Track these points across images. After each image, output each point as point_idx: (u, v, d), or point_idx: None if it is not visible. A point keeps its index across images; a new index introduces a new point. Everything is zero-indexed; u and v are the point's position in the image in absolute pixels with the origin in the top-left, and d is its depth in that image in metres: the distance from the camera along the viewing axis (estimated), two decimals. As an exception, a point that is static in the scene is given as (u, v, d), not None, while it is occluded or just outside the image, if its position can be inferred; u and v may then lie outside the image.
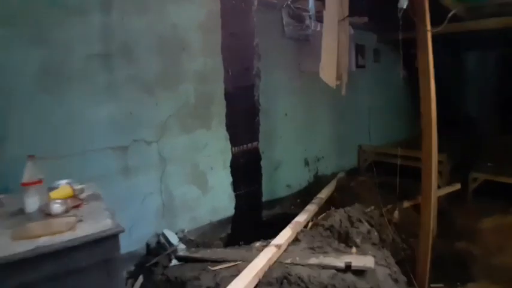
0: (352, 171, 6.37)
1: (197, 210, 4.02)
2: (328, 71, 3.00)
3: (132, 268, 3.36)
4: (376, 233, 3.10)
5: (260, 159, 4.72)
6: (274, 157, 4.99)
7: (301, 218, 3.42)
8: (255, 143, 4.59)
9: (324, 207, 4.19)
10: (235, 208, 4.41)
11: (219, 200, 4.25)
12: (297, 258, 2.69)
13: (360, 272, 2.52)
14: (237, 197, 4.42)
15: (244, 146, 4.48)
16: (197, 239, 3.98)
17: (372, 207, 3.89)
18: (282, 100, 5.01)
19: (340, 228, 3.06)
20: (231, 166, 4.35)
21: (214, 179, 4.17)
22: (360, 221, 3.15)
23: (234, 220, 4.41)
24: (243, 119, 4.50)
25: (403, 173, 5.90)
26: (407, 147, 6.52)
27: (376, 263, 2.64)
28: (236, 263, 2.73)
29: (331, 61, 3.02)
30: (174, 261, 3.03)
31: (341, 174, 5.84)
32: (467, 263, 3.82)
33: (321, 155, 5.81)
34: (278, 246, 2.78)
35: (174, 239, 3.38)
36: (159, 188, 3.64)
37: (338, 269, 2.55)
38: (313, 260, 2.64)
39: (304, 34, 4.92)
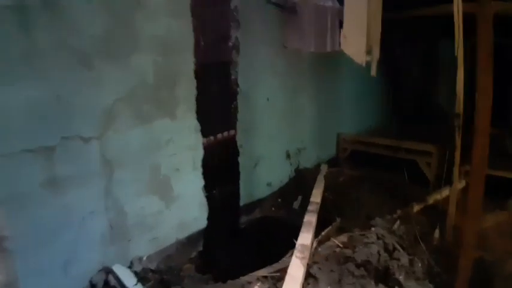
0: (332, 162, 5.62)
1: (159, 228, 2.99)
2: (354, 43, 2.09)
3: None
4: (419, 264, 2.31)
5: (238, 154, 3.75)
6: (254, 151, 4.04)
7: (306, 239, 2.54)
8: (231, 132, 3.60)
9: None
10: (208, 218, 3.44)
11: (188, 211, 3.25)
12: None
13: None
14: (210, 204, 3.45)
15: (219, 135, 3.47)
16: (161, 265, 2.97)
17: (388, 216, 3.11)
18: (263, 82, 4.02)
19: (378, 264, 2.22)
20: (203, 165, 3.33)
21: (182, 185, 3.14)
22: (395, 248, 2.33)
23: (206, 233, 3.45)
24: (217, 104, 3.47)
25: (383, 164, 5.35)
26: (382, 135, 5.98)
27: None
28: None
29: (359, 29, 2.09)
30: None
31: (324, 167, 5.06)
32: (487, 273, 3.21)
33: (303, 146, 4.96)
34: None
35: (128, 278, 2.33)
36: (104, 204, 2.55)
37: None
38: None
39: (292, 2, 3.92)
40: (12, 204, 2.00)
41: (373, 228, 2.61)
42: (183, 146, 3.12)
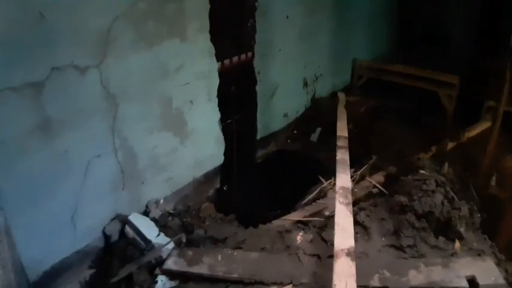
0: (347, 90, 5.18)
1: (174, 167, 2.66)
2: None
3: (87, 275, 2.05)
4: (478, 214, 2.05)
5: (255, 82, 3.28)
6: (271, 79, 3.56)
7: (346, 181, 2.22)
8: (249, 55, 3.09)
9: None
10: (225, 154, 3.10)
11: (204, 147, 2.89)
12: (385, 271, 1.57)
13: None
14: (226, 138, 3.08)
15: (235, 58, 2.97)
16: (178, 206, 2.70)
17: (422, 154, 2.79)
18: (278, 13, 3.37)
19: (440, 215, 1.94)
20: (218, 96, 2.88)
21: (196, 119, 2.73)
22: (454, 197, 2.04)
23: (223, 170, 3.14)
24: (233, 22, 2.90)
25: (400, 93, 4.94)
26: (398, 63, 5.43)
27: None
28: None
29: None
30: (161, 280, 1.75)
31: (342, 96, 4.63)
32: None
33: (320, 73, 4.46)
34: (346, 252, 1.60)
35: (149, 230, 2.06)
36: (111, 145, 2.16)
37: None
38: (415, 276, 1.54)
39: None
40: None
41: (422, 171, 2.29)
42: (196, 74, 2.64)
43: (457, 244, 1.90)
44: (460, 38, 6.75)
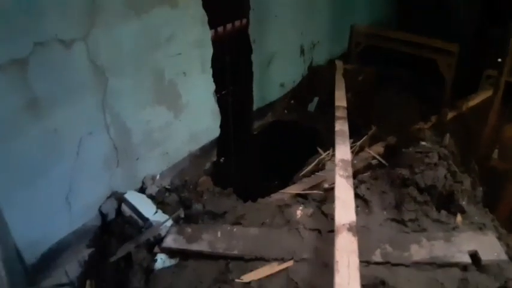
0: (344, 58, 5.02)
1: (169, 141, 2.59)
2: None
3: (86, 255, 2.04)
4: (480, 187, 2.02)
5: (251, 51, 3.15)
6: (268, 47, 3.42)
7: (346, 153, 2.17)
8: (243, 21, 2.95)
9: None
10: (221, 126, 3.03)
11: (199, 120, 2.82)
12: (387, 246, 1.56)
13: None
14: (222, 110, 2.99)
15: (229, 25, 2.83)
16: (175, 181, 2.66)
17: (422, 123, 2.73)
18: None
19: (443, 189, 1.92)
20: (213, 66, 2.76)
21: (190, 91, 2.63)
22: (456, 170, 2.00)
23: (219, 143, 3.08)
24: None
25: (398, 60, 4.80)
26: (397, 29, 5.25)
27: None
28: (283, 265, 1.53)
29: None
30: (160, 258, 1.74)
31: (339, 64, 4.50)
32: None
33: (317, 40, 4.30)
34: (347, 227, 1.58)
35: (146, 207, 2.02)
36: (103, 121, 2.07)
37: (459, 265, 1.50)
38: (417, 251, 1.54)
39: None
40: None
41: (423, 143, 2.25)
42: (188, 43, 2.51)
43: (459, 218, 1.90)
44: (464, 4, 6.47)
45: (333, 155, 2.57)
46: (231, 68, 2.99)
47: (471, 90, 3.85)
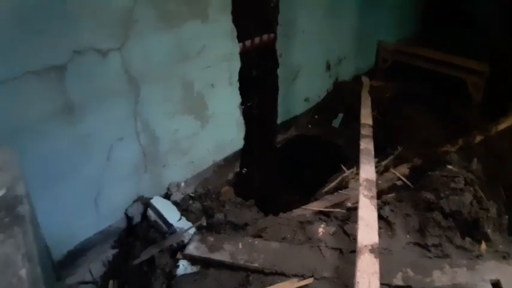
0: (371, 74, 4.99)
1: (195, 150, 2.65)
2: None
3: (110, 255, 2.10)
4: (506, 216, 1.96)
5: (277, 65, 3.19)
6: (294, 61, 3.46)
7: (371, 173, 2.16)
8: (271, 36, 3.00)
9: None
10: (245, 138, 3.06)
11: (224, 131, 2.87)
12: (409, 270, 1.53)
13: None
14: (247, 123, 3.03)
15: (257, 39, 2.88)
16: (198, 189, 2.71)
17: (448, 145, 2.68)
18: None
19: (468, 215, 1.88)
20: (240, 79, 2.82)
21: (217, 102, 2.69)
22: (482, 196, 1.96)
23: (243, 154, 3.11)
24: (255, 2, 2.79)
25: (426, 78, 4.71)
26: (425, 46, 5.17)
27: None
28: (302, 282, 1.53)
29: None
30: (183, 265, 1.77)
31: (365, 80, 4.49)
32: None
33: (343, 55, 4.31)
34: (370, 249, 1.57)
35: (171, 213, 2.06)
36: (133, 129, 2.15)
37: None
38: (439, 277, 1.50)
39: None
40: (23, 140, 1.60)
41: (449, 166, 2.20)
42: (217, 56, 2.57)
43: (483, 246, 1.84)
44: (498, 19, 6.29)
45: (357, 173, 2.56)
46: (257, 81, 3.03)
47: (502, 113, 3.73)
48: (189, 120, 2.53)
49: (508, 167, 2.57)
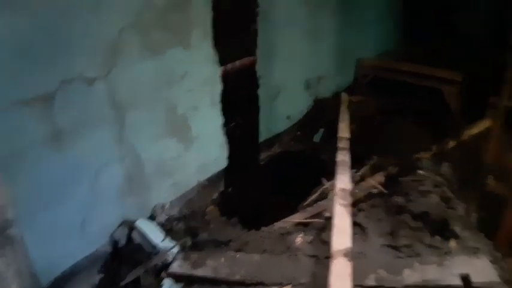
0: (351, 90, 5.20)
1: (179, 172, 2.75)
2: None
3: (97, 280, 2.15)
4: (474, 213, 2.10)
5: (257, 86, 3.35)
6: (274, 82, 3.63)
7: (346, 183, 2.29)
8: (251, 59, 3.16)
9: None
10: (229, 157, 3.18)
11: (208, 152, 2.97)
12: (382, 271, 1.63)
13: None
14: (230, 142, 3.15)
15: (238, 62, 3.04)
16: (183, 210, 2.79)
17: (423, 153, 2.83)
18: (286, 14, 3.44)
19: (436, 215, 2.00)
20: (222, 100, 2.96)
21: (200, 124, 2.82)
22: (450, 196, 2.09)
23: (227, 173, 3.22)
24: (236, 27, 2.98)
25: (405, 91, 4.92)
26: (403, 60, 5.43)
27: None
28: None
29: None
30: (167, 283, 1.84)
31: (344, 96, 4.66)
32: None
33: (323, 74, 4.51)
34: (343, 253, 1.67)
35: (155, 233, 2.14)
36: (118, 153, 2.25)
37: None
38: (410, 275, 1.61)
39: None
40: (12, 168, 1.69)
41: (420, 171, 2.35)
42: (200, 80, 2.72)
43: (452, 243, 1.95)
44: (477, 30, 6.60)
45: (336, 185, 2.67)
46: (239, 102, 3.18)
47: (480, 118, 3.90)
48: (173, 143, 2.64)
49: (479, 169, 2.72)
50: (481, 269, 1.71)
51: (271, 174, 3.74)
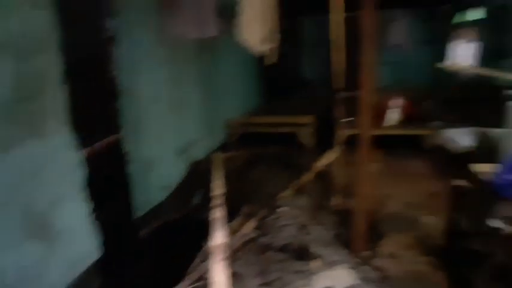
0: (224, 149, 5.66)
1: (44, 277, 2.50)
2: (253, 31, 2.02)
3: None
4: (327, 230, 2.48)
5: (126, 163, 3.39)
6: (145, 155, 3.72)
7: (220, 238, 2.46)
8: (116, 137, 3.23)
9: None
10: (103, 245, 3.03)
11: (76, 246, 2.79)
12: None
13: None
14: (101, 229, 3.04)
15: (102, 144, 3.08)
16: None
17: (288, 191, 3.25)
18: (147, 73, 3.67)
19: (295, 244, 2.30)
20: (87, 186, 2.90)
21: (64, 217, 2.68)
22: (306, 224, 2.45)
23: (102, 264, 3.04)
24: (96, 108, 3.04)
25: (271, 140, 5.63)
26: (265, 114, 6.33)
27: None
28: None
29: (255, 18, 2.03)
30: None
31: (217, 156, 5.04)
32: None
33: (194, 139, 4.81)
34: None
35: None
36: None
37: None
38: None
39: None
40: None
41: (281, 208, 2.70)
42: (60, 169, 2.63)
43: (314, 263, 2.27)
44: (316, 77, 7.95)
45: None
46: (107, 183, 3.14)
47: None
48: (33, 245, 2.44)
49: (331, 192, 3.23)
50: (342, 277, 2.03)
51: (154, 250, 3.66)
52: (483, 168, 2.75)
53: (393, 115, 5.77)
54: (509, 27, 5.92)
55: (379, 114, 6.06)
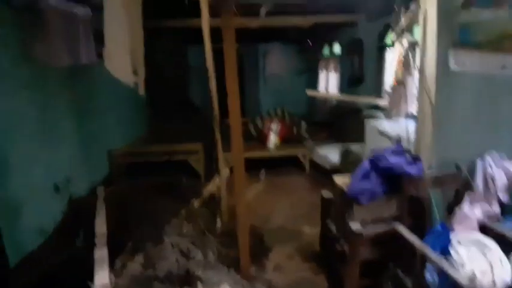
0: (108, 182, 5.34)
1: None
2: (119, 64, 2.07)
3: None
4: (211, 253, 2.59)
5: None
6: (12, 198, 3.32)
7: (104, 278, 2.37)
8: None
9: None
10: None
11: None
12: None
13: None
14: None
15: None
16: None
17: (175, 219, 3.30)
18: (4, 102, 3.29)
19: (178, 271, 2.34)
20: None
21: None
22: (189, 248, 2.52)
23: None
24: None
25: (161, 169, 5.56)
26: (153, 142, 6.28)
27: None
28: None
29: (121, 51, 2.09)
30: None
31: (100, 190, 4.75)
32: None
33: (73, 174, 4.46)
34: None
35: None
36: None
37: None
38: None
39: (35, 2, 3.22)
40: None
41: (165, 239, 2.73)
42: None
43: (200, 285, 2.37)
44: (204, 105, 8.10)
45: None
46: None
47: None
48: None
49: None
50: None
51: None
52: (344, 179, 3.21)
53: (273, 138, 6.37)
54: (360, 58, 7.16)
55: (262, 138, 6.62)
